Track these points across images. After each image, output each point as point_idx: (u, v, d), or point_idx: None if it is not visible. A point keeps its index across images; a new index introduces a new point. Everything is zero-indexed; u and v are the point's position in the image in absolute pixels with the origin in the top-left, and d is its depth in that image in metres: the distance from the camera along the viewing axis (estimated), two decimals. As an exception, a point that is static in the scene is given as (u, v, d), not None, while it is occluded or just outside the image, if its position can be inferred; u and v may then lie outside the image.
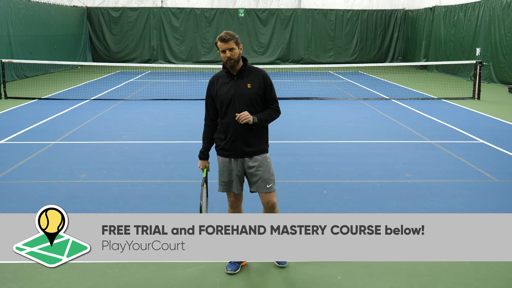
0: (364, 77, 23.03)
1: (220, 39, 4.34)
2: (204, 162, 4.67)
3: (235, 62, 4.37)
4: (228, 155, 4.51)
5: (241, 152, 4.46)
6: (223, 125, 4.49)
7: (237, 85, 4.43)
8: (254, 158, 4.48)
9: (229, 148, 4.48)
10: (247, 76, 4.46)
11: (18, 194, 6.79)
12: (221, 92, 4.45)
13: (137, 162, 8.40)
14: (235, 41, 4.35)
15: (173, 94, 16.57)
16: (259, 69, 4.55)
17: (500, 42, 19.96)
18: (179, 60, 29.50)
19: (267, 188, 4.51)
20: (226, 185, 4.57)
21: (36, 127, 11.30)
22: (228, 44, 4.31)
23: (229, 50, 4.32)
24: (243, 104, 4.40)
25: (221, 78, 4.50)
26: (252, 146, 4.46)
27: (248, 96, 4.41)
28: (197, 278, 4.52)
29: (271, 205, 4.56)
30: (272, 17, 29.73)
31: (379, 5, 30.24)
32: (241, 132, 4.42)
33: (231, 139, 4.45)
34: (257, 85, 4.43)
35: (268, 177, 4.51)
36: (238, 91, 4.41)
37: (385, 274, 4.60)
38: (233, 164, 4.51)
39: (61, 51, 24.96)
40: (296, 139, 10.16)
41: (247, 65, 4.49)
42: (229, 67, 4.40)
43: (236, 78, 4.45)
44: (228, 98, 4.41)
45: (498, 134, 10.64)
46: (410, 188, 7.14)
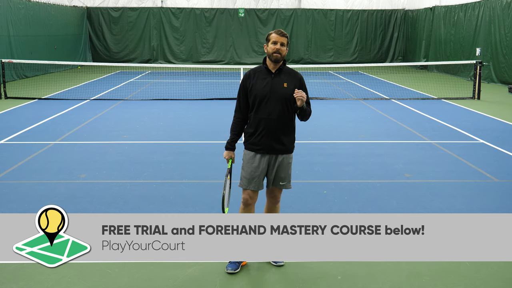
0: (364, 77, 23.03)
1: (276, 32, 4.49)
2: (230, 152, 4.71)
3: (281, 58, 4.48)
4: (256, 150, 4.55)
5: (270, 148, 4.53)
6: (254, 119, 4.54)
7: (274, 82, 4.50)
8: (280, 157, 4.56)
9: (258, 143, 4.53)
10: (284, 75, 4.55)
11: (18, 194, 6.79)
12: (257, 86, 4.51)
13: (137, 162, 8.39)
14: (288, 40, 4.53)
15: (173, 94, 16.57)
16: (296, 71, 4.67)
17: (500, 42, 19.96)
18: (179, 60, 29.50)
19: (281, 185, 4.63)
20: (248, 181, 4.59)
21: (36, 127, 11.30)
22: (282, 38, 4.46)
23: (281, 45, 4.45)
24: (278, 102, 4.47)
25: (259, 73, 4.57)
26: (282, 144, 4.54)
27: (283, 95, 4.48)
28: (197, 278, 4.52)
29: (275, 200, 4.72)
30: (272, 17, 29.73)
31: (379, 5, 30.25)
32: (273, 128, 4.49)
33: (261, 133, 4.51)
34: (293, 86, 4.52)
35: (286, 175, 4.62)
36: (274, 89, 4.48)
37: (385, 274, 4.60)
38: (259, 160, 4.55)
39: (61, 51, 24.96)
40: (296, 139, 10.15)
41: (286, 66, 4.60)
42: (273, 60, 4.47)
43: (274, 75, 4.52)
44: (264, 94, 4.48)
45: (498, 134, 10.64)
46: (410, 188, 7.14)
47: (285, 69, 4.59)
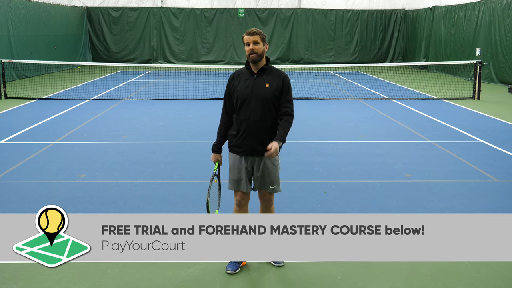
0: (364, 77, 23.03)
1: (246, 33, 4.42)
2: (217, 155, 4.68)
3: (258, 57, 4.39)
4: (239, 152, 4.52)
5: (253, 150, 4.47)
6: (237, 121, 4.51)
7: (255, 83, 4.44)
8: (265, 158, 4.48)
9: (240, 145, 4.50)
10: (267, 75, 4.47)
11: (18, 194, 6.79)
12: (239, 88, 4.47)
13: (137, 162, 8.39)
14: (261, 37, 4.41)
15: (173, 94, 16.57)
16: (280, 71, 4.57)
17: (500, 42, 19.96)
18: (179, 60, 29.50)
19: (271, 188, 4.55)
20: (235, 183, 4.58)
21: (36, 127, 11.30)
22: (253, 37, 4.37)
23: (254, 44, 4.36)
24: (259, 103, 4.41)
25: (242, 74, 4.53)
26: (265, 146, 4.45)
27: (264, 95, 4.41)
28: (197, 278, 4.52)
29: (268, 203, 4.64)
30: (272, 17, 29.73)
31: (379, 5, 30.24)
32: (254, 130, 4.43)
33: (243, 135, 4.47)
34: (275, 85, 4.44)
35: (273, 178, 4.54)
36: (256, 90, 4.42)
37: (385, 274, 4.60)
38: (244, 162, 4.52)
39: (61, 51, 24.96)
40: (296, 139, 10.15)
41: (269, 65, 4.51)
42: (250, 61, 4.42)
43: (256, 76, 4.47)
44: (245, 95, 4.43)
45: (498, 134, 10.64)
46: (410, 188, 7.14)
47: (268, 68, 4.50)
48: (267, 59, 4.50)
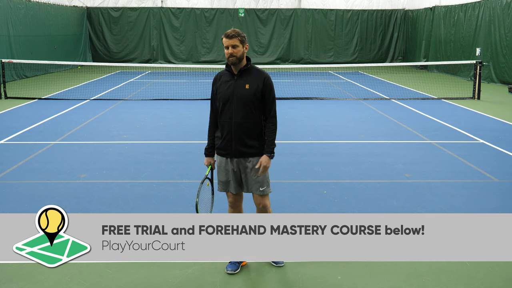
0: (364, 77, 23.02)
1: (225, 35, 4.33)
2: (209, 159, 4.64)
3: (237, 60, 4.33)
4: (224, 155, 4.50)
5: (237, 152, 4.43)
6: (220, 123, 4.48)
7: (236, 84, 4.40)
8: (251, 160, 4.45)
9: (224, 147, 4.47)
10: (247, 76, 4.42)
11: (18, 194, 6.79)
12: (221, 90, 4.44)
13: (137, 162, 8.39)
14: (240, 39, 4.32)
15: (173, 94, 16.57)
16: (261, 71, 4.49)
17: (500, 42, 19.96)
18: (179, 60, 29.50)
19: (261, 190, 4.49)
20: (224, 185, 4.57)
21: (36, 127, 11.30)
22: (232, 40, 4.30)
23: (232, 47, 4.30)
24: (240, 104, 4.37)
25: (223, 76, 4.49)
26: (250, 147, 4.42)
27: (245, 97, 4.37)
28: (197, 278, 4.52)
29: (263, 207, 4.57)
30: (272, 17, 29.73)
31: (379, 5, 30.24)
32: (236, 131, 4.39)
33: (226, 138, 4.44)
34: (256, 86, 4.38)
35: (262, 180, 4.48)
36: (236, 91, 4.38)
37: (385, 274, 4.60)
38: (230, 164, 4.50)
39: (61, 51, 24.96)
40: (296, 139, 10.16)
41: (249, 65, 4.44)
42: (230, 64, 4.37)
43: (236, 77, 4.42)
44: (226, 97, 4.39)
45: (498, 134, 10.64)
46: (410, 188, 7.13)
47: (249, 69, 4.44)
48: (247, 58, 4.44)
